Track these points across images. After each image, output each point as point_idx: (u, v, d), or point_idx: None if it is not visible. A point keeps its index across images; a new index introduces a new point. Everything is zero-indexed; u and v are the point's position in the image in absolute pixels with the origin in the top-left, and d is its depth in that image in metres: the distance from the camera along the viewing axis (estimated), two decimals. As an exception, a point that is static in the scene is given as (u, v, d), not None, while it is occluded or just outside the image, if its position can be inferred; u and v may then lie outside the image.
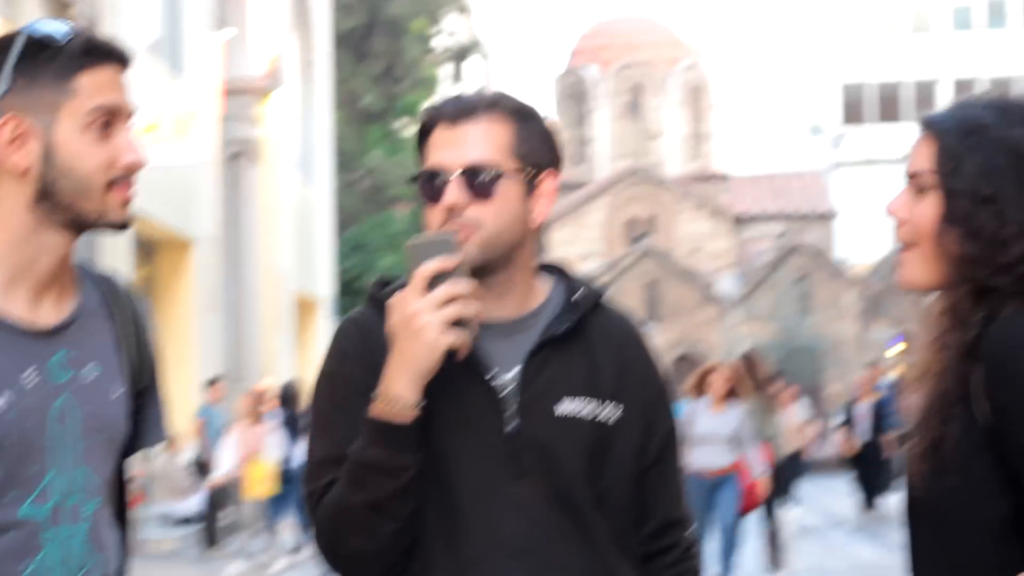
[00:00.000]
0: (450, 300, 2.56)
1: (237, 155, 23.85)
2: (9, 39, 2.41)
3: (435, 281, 2.57)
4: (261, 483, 16.25)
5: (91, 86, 2.40)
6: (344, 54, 38.13)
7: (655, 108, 52.01)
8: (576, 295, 2.79)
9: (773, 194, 51.13)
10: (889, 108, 55.09)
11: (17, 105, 2.38)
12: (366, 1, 40.21)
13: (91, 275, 2.54)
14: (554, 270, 2.88)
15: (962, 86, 54.63)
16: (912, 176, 2.50)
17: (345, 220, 35.24)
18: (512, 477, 2.67)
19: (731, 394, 12.60)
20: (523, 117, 2.76)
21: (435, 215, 2.71)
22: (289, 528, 17.11)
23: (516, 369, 2.71)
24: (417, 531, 2.67)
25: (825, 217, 49.67)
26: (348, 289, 26.05)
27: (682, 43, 53.58)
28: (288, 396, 18.13)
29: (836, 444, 23.41)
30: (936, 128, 2.48)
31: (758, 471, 12.78)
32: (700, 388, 12.67)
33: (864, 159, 53.96)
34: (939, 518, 2.37)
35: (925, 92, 54.82)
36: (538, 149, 2.76)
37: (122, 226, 2.43)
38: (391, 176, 35.76)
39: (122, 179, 2.42)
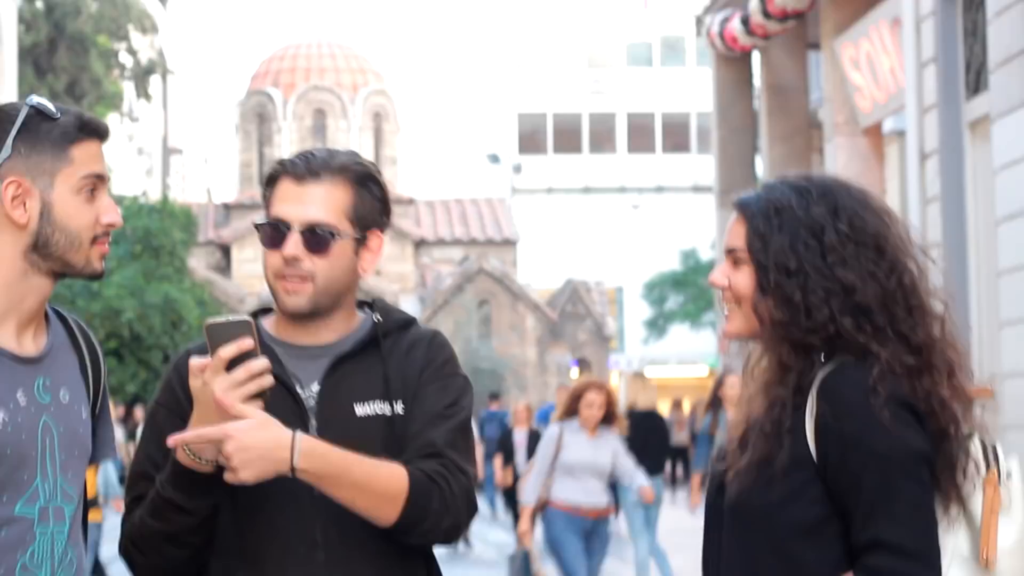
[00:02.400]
0: (248, 379, 2.89)
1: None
2: (10, 110, 2.81)
3: (235, 360, 2.89)
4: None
5: (83, 156, 2.83)
6: (27, 69, 37.42)
7: (339, 132, 52.36)
8: (378, 321, 3.17)
9: (456, 219, 52.07)
10: (565, 139, 56.69)
11: (19, 169, 2.79)
12: (50, 16, 39.57)
13: (57, 314, 2.95)
14: (372, 304, 3.25)
15: (636, 120, 56.74)
16: (729, 251, 2.93)
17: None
18: None
19: (606, 419, 10.60)
20: (363, 182, 3.14)
21: (274, 259, 3.09)
22: None
23: (317, 383, 3.09)
24: (216, 533, 3.03)
25: (507, 243, 50.88)
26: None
27: (367, 69, 54.09)
28: None
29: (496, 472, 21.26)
30: (746, 209, 2.91)
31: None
32: (570, 409, 10.59)
33: (544, 187, 55.44)
34: (760, 523, 2.82)
35: (600, 124, 56.67)
36: (371, 211, 3.14)
37: (99, 276, 2.86)
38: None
39: (103, 235, 2.86)
